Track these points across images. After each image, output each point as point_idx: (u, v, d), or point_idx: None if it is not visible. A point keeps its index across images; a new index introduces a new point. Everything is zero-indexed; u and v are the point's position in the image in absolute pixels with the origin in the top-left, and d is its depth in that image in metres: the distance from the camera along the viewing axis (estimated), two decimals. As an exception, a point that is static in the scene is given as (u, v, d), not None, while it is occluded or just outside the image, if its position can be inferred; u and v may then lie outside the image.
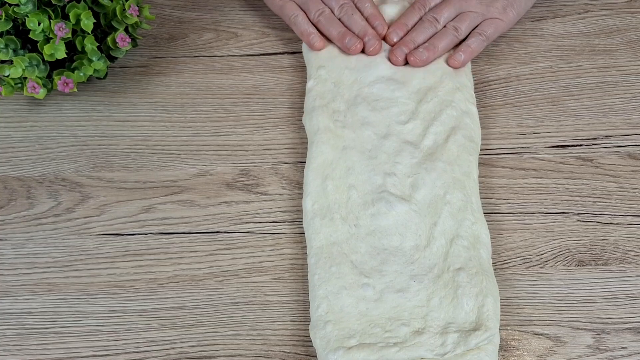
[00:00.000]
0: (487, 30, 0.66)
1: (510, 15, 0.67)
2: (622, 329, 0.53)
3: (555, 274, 0.55)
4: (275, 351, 0.52)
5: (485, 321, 0.49)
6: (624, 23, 0.70)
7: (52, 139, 0.63)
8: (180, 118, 0.64)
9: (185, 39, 0.70)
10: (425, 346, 0.48)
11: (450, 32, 0.66)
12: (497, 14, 0.66)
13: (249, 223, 0.58)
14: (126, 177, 0.61)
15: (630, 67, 0.67)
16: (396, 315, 0.50)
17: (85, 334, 0.53)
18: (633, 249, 0.56)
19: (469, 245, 0.53)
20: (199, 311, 0.54)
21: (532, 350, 0.52)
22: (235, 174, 0.61)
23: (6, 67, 0.59)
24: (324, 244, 0.53)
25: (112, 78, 0.67)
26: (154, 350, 0.52)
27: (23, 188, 0.60)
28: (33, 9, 0.58)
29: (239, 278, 0.55)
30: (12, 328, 0.53)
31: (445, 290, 0.51)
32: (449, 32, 0.66)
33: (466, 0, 0.67)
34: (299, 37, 0.67)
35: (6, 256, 0.57)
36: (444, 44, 0.65)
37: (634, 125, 0.63)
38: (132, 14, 0.61)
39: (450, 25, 0.66)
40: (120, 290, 0.55)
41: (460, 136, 0.59)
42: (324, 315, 0.50)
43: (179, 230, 0.58)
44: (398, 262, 0.52)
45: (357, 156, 0.58)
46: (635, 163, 0.61)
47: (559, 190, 0.59)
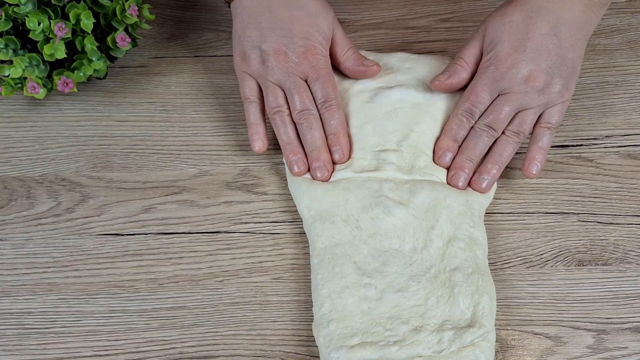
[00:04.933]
0: (553, 120, 0.57)
1: (571, 89, 0.58)
2: (622, 329, 0.53)
3: (555, 274, 0.55)
4: (275, 351, 0.52)
5: (480, 319, 0.50)
6: (624, 23, 0.70)
7: (52, 139, 0.63)
8: (180, 118, 0.64)
9: (185, 39, 0.70)
10: (423, 344, 0.49)
11: (512, 141, 0.57)
12: (559, 97, 0.57)
13: (249, 223, 0.58)
14: (126, 177, 0.61)
15: (630, 67, 0.67)
16: (396, 314, 0.50)
17: (85, 334, 0.53)
18: (633, 249, 0.56)
19: (465, 246, 0.53)
20: (199, 311, 0.54)
21: (532, 350, 0.52)
22: (235, 174, 0.61)
23: (6, 67, 0.59)
24: (327, 245, 0.54)
25: (112, 78, 0.67)
26: (154, 350, 0.52)
27: (23, 188, 0.60)
28: (33, 9, 0.58)
29: (239, 278, 0.55)
30: (12, 328, 0.53)
31: (442, 290, 0.51)
32: (510, 141, 0.57)
33: (524, 96, 0.56)
34: (247, 124, 0.60)
35: (6, 256, 0.57)
36: (507, 156, 0.57)
37: (634, 125, 0.63)
38: (132, 14, 0.61)
39: (509, 132, 0.57)
40: (120, 290, 0.55)
41: None
42: (327, 314, 0.50)
43: (179, 230, 0.58)
44: (398, 264, 0.53)
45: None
46: (635, 163, 0.61)
47: (559, 190, 0.59)
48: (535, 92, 0.56)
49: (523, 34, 0.57)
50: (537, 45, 0.56)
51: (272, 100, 0.59)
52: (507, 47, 0.57)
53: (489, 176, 0.57)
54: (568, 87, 0.57)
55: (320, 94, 0.58)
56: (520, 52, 0.56)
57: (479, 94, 0.57)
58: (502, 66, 0.57)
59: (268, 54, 0.58)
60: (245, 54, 0.59)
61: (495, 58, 0.57)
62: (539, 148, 0.57)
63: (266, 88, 0.59)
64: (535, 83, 0.56)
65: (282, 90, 0.59)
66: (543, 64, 0.56)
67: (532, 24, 0.57)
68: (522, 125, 0.57)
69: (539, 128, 0.57)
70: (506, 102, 0.56)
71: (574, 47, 0.57)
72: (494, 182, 0.57)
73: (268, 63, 0.58)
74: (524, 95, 0.56)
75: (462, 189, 0.56)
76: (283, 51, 0.58)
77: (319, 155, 0.57)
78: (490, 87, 0.57)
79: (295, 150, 0.58)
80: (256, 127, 0.60)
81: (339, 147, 0.58)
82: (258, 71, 0.59)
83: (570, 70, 0.57)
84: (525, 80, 0.56)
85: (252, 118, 0.60)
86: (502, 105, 0.56)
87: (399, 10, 0.72)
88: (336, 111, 0.58)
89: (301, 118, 0.58)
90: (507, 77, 0.56)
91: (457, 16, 0.71)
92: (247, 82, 0.60)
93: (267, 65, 0.58)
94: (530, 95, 0.56)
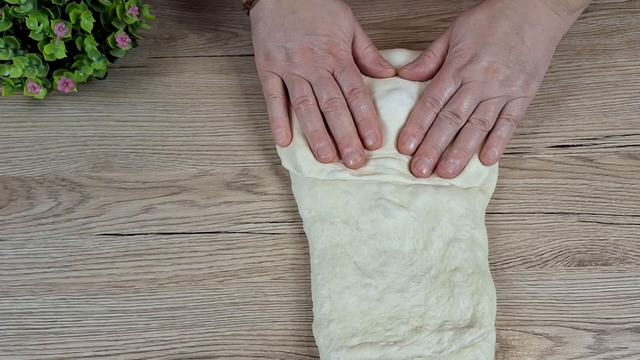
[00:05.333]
0: (514, 113, 0.58)
1: (533, 88, 0.59)
2: (622, 329, 0.53)
3: (555, 274, 0.55)
4: (275, 351, 0.52)
5: (480, 319, 0.50)
6: (624, 23, 0.70)
7: (52, 139, 0.63)
8: (180, 118, 0.64)
9: (185, 39, 0.70)
10: (423, 344, 0.49)
11: (477, 128, 0.57)
12: (521, 92, 0.58)
13: (249, 223, 0.58)
14: (126, 177, 0.61)
15: (630, 67, 0.67)
16: (396, 314, 0.50)
17: (85, 334, 0.53)
18: (633, 249, 0.56)
19: (466, 247, 0.53)
20: (199, 311, 0.54)
21: (532, 350, 0.52)
22: (235, 174, 0.61)
23: (6, 67, 0.59)
24: (327, 246, 0.54)
25: (112, 78, 0.67)
26: (154, 350, 0.52)
27: (23, 188, 0.60)
28: (33, 9, 0.58)
29: (239, 278, 0.55)
30: (12, 328, 0.53)
31: (442, 290, 0.51)
32: (475, 129, 0.57)
33: (486, 86, 0.58)
34: (270, 120, 0.60)
35: (6, 256, 0.57)
36: (473, 144, 0.57)
37: (634, 125, 0.63)
38: (132, 13, 0.61)
39: (474, 119, 0.57)
40: (120, 290, 0.55)
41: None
42: (328, 314, 0.51)
43: (179, 230, 0.58)
44: (398, 264, 0.53)
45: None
46: (635, 163, 0.61)
47: (559, 190, 0.59)
48: (497, 83, 0.58)
49: (485, 31, 0.59)
50: (498, 41, 0.59)
51: (297, 92, 0.59)
52: (469, 42, 0.59)
53: (457, 160, 0.56)
54: (529, 84, 0.59)
55: (347, 84, 0.59)
56: (482, 47, 0.59)
57: (444, 82, 0.59)
58: (464, 58, 0.59)
59: (294, 52, 0.59)
60: (270, 53, 0.60)
61: (459, 51, 0.60)
62: (497, 137, 0.58)
63: (292, 82, 0.59)
64: (496, 74, 0.58)
65: (308, 83, 0.59)
66: (503, 57, 0.58)
67: (495, 22, 0.59)
68: (486, 114, 0.58)
69: (500, 119, 0.58)
70: (468, 90, 0.58)
71: (537, 47, 0.59)
72: (461, 168, 0.57)
73: (294, 59, 0.59)
74: (485, 85, 0.58)
75: (425, 176, 0.56)
76: (309, 48, 0.59)
77: (351, 141, 0.57)
78: (453, 76, 0.59)
79: (321, 137, 0.57)
80: (280, 120, 0.59)
81: (372, 132, 0.57)
82: (283, 68, 0.60)
83: (532, 69, 0.59)
84: (485, 70, 0.58)
85: (276, 113, 0.59)
86: (465, 93, 0.58)
87: (399, 10, 0.72)
88: (364, 98, 0.58)
89: (329, 107, 0.58)
90: (469, 67, 0.58)
91: (457, 16, 0.71)
92: (271, 79, 0.60)
93: (293, 61, 0.59)
94: (492, 86, 0.58)
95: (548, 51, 0.60)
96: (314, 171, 0.56)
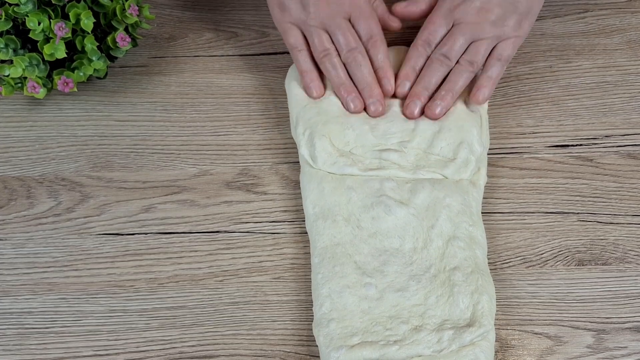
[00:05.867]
0: (505, 53, 0.59)
1: (526, 28, 0.60)
2: (622, 328, 0.53)
3: (555, 274, 0.55)
4: (276, 351, 0.52)
5: (480, 318, 0.50)
6: (624, 23, 0.70)
7: (52, 138, 0.63)
8: (180, 118, 0.64)
9: (185, 39, 0.70)
10: (423, 344, 0.49)
11: (465, 70, 0.58)
12: (512, 31, 0.59)
13: (249, 223, 0.58)
14: (126, 177, 0.61)
15: (630, 67, 0.67)
16: (396, 313, 0.50)
17: (85, 334, 0.53)
18: (633, 248, 0.56)
19: (465, 245, 0.53)
20: (199, 311, 0.54)
21: (532, 350, 0.52)
22: (235, 174, 0.61)
23: (6, 66, 0.59)
24: (327, 245, 0.54)
25: (112, 78, 0.67)
26: (154, 350, 0.52)
27: (23, 188, 0.60)
28: (33, 8, 0.58)
29: (239, 278, 0.55)
30: (12, 328, 0.53)
31: (441, 289, 0.51)
32: (464, 70, 0.58)
33: (477, 26, 0.58)
34: (299, 73, 0.61)
35: (6, 256, 0.57)
36: (461, 85, 0.58)
37: (634, 125, 0.63)
38: (132, 13, 0.61)
39: (464, 60, 0.59)
40: (120, 290, 0.55)
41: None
42: (328, 313, 0.51)
43: (179, 230, 0.58)
44: (398, 263, 0.53)
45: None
46: (635, 163, 0.61)
47: (559, 190, 0.59)
48: (488, 24, 0.58)
49: None
50: None
51: (318, 45, 0.60)
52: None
53: (443, 102, 0.58)
54: (521, 25, 0.59)
55: (365, 31, 0.60)
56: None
57: (435, 23, 0.60)
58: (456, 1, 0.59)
59: (308, 1, 0.59)
60: (284, 4, 0.60)
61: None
62: (488, 77, 0.59)
63: (310, 34, 0.60)
64: (488, 14, 0.58)
65: (326, 33, 0.60)
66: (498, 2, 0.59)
67: None
68: (476, 55, 0.58)
69: (490, 59, 0.59)
70: (460, 31, 0.58)
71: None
72: (447, 108, 0.58)
73: (309, 8, 0.59)
74: (476, 26, 0.58)
75: (416, 117, 0.58)
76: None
77: (372, 91, 0.59)
78: (445, 17, 0.59)
79: (349, 89, 0.59)
80: (310, 74, 0.60)
81: (388, 79, 0.59)
82: (300, 18, 0.60)
83: (525, 9, 0.59)
84: (477, 10, 0.58)
85: (304, 66, 0.60)
86: (456, 34, 0.59)
87: (399, 10, 0.72)
88: (381, 45, 0.59)
89: (349, 57, 0.59)
90: (461, 7, 0.59)
91: (457, 16, 0.71)
92: (291, 31, 0.61)
93: (308, 11, 0.59)
94: (483, 26, 0.58)
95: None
96: (327, 164, 0.57)
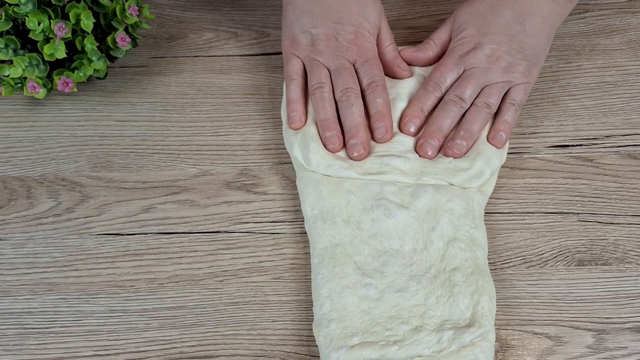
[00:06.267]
0: (518, 98, 0.59)
1: (535, 74, 0.60)
2: (622, 328, 0.53)
3: (555, 274, 0.55)
4: (276, 351, 0.52)
5: (480, 318, 0.50)
6: (624, 23, 0.70)
7: (52, 139, 0.63)
8: (180, 118, 0.64)
9: (185, 39, 0.70)
10: (422, 344, 0.49)
11: (482, 111, 0.58)
12: (523, 77, 0.59)
13: (249, 223, 0.58)
14: (126, 177, 0.61)
15: (630, 67, 0.67)
16: (396, 314, 0.50)
17: (85, 334, 0.53)
18: (633, 248, 0.56)
19: (466, 247, 0.53)
20: (199, 311, 0.54)
21: (532, 350, 0.52)
22: (235, 174, 0.61)
23: (6, 67, 0.59)
24: (327, 245, 0.54)
25: (112, 78, 0.67)
26: (154, 350, 0.52)
27: (23, 188, 0.60)
28: (33, 9, 0.58)
29: (239, 278, 0.55)
30: (12, 328, 0.53)
31: (442, 290, 0.51)
32: (481, 111, 0.58)
33: (489, 72, 0.59)
34: (286, 101, 0.60)
35: (6, 256, 0.57)
36: (479, 126, 0.58)
37: (634, 125, 0.63)
38: (132, 13, 0.61)
39: (480, 102, 0.58)
40: (120, 290, 0.55)
41: None
42: (328, 314, 0.51)
43: (179, 230, 0.58)
44: (398, 264, 0.53)
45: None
46: (635, 163, 0.61)
47: (559, 190, 0.59)
48: (500, 69, 0.59)
49: (488, 20, 0.61)
50: (501, 30, 0.60)
51: (315, 77, 0.59)
52: (473, 31, 0.61)
53: (464, 141, 0.57)
54: (531, 71, 0.60)
55: (367, 76, 0.59)
56: (484, 35, 0.60)
57: (446, 67, 0.60)
58: (467, 46, 0.60)
59: (319, 38, 0.60)
60: (296, 37, 0.61)
61: (462, 39, 0.61)
62: (504, 121, 0.59)
63: (311, 66, 0.60)
64: (499, 61, 0.59)
65: (327, 70, 0.60)
66: (505, 45, 0.60)
67: (498, 12, 0.61)
68: (490, 97, 0.58)
69: (505, 104, 0.59)
70: (472, 75, 0.59)
71: (538, 36, 0.60)
72: (467, 149, 0.57)
73: (318, 45, 0.60)
74: (488, 71, 0.59)
75: (431, 157, 0.57)
76: (333, 36, 0.60)
77: (357, 133, 0.57)
78: (456, 62, 0.60)
79: (331, 126, 0.57)
80: (295, 104, 0.59)
81: (383, 125, 0.58)
82: (306, 52, 0.60)
83: (533, 56, 0.60)
84: (488, 57, 0.59)
85: (292, 95, 0.60)
86: (469, 78, 0.59)
87: (399, 10, 0.72)
88: (382, 91, 0.59)
89: (343, 95, 0.58)
90: (472, 54, 0.60)
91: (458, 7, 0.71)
92: (293, 61, 0.61)
93: (316, 47, 0.60)
94: (495, 72, 0.59)
95: (548, 39, 0.62)
96: (321, 166, 0.56)
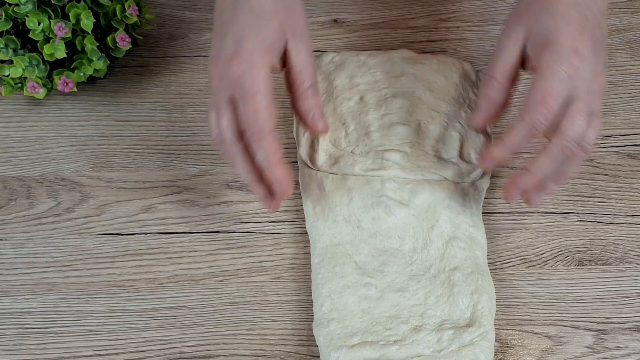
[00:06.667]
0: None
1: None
2: (622, 328, 0.53)
3: (555, 274, 0.55)
4: (275, 351, 0.52)
5: (480, 318, 0.50)
6: (624, 23, 0.70)
7: (52, 139, 0.63)
8: (180, 118, 0.64)
9: (185, 39, 0.70)
10: (422, 344, 0.49)
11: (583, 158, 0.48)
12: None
13: (249, 223, 0.58)
14: (126, 177, 0.61)
15: (630, 67, 0.67)
16: (396, 313, 0.50)
17: (85, 334, 0.53)
18: (633, 248, 0.56)
19: (465, 246, 0.53)
20: (199, 311, 0.54)
21: (532, 349, 0.52)
22: (235, 174, 0.61)
23: (6, 67, 0.59)
24: (327, 245, 0.54)
25: (112, 78, 0.67)
26: (153, 350, 0.52)
27: (23, 188, 0.60)
28: (33, 8, 0.58)
29: (238, 278, 0.55)
30: (12, 328, 0.53)
31: (441, 289, 0.51)
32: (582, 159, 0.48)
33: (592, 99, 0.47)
34: None
35: (6, 256, 0.57)
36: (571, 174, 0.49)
37: (634, 125, 0.63)
38: (132, 13, 0.61)
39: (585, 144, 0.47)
40: (120, 290, 0.55)
41: None
42: (328, 313, 0.51)
43: (178, 230, 0.58)
44: (398, 263, 0.53)
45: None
46: (635, 163, 0.61)
47: (559, 190, 0.59)
48: (599, 93, 0.48)
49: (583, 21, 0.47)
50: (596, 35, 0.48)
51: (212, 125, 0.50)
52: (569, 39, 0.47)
53: (547, 195, 0.51)
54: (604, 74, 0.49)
55: (243, 121, 0.48)
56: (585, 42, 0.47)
57: (552, 98, 0.46)
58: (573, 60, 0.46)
59: (209, 63, 0.49)
60: None
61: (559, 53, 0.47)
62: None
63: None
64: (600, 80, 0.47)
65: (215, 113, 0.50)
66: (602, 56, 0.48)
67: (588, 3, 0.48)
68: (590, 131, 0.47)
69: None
70: (581, 111, 0.46)
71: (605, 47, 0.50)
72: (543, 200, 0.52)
73: (209, 74, 0.50)
74: (591, 100, 0.47)
75: (534, 206, 0.51)
76: (215, 59, 0.49)
77: (255, 191, 0.50)
78: (565, 89, 0.46)
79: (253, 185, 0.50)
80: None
81: (275, 180, 0.49)
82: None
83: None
84: (593, 76, 0.47)
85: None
86: (581, 115, 0.46)
87: (399, 10, 0.72)
88: (261, 140, 0.47)
89: (220, 151, 0.50)
90: (579, 74, 0.46)
91: (457, 16, 0.71)
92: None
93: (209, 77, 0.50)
94: (596, 98, 0.47)
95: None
96: (327, 164, 0.57)
